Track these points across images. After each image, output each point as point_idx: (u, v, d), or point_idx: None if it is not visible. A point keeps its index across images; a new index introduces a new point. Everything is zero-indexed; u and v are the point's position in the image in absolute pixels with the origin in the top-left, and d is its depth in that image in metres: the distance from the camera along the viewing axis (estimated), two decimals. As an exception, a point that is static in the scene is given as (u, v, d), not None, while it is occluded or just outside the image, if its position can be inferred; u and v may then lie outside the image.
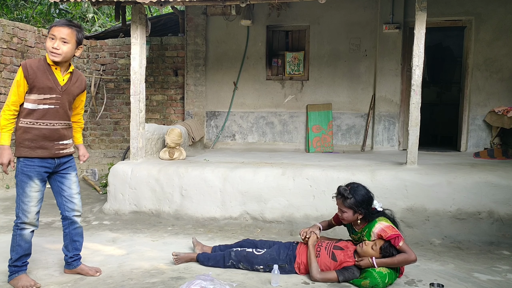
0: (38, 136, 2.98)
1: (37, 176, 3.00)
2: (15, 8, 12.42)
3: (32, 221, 3.03)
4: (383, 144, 7.39)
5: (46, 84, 2.95)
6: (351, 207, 3.27)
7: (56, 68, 3.01)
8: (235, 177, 5.06)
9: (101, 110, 8.30)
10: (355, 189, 3.30)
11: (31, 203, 3.00)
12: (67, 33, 2.94)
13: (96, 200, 6.24)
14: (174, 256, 3.57)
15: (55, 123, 3.03)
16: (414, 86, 4.98)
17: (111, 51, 8.49)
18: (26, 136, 2.97)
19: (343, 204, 3.30)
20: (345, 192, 3.28)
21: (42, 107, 2.97)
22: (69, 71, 3.07)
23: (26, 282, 3.00)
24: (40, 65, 2.97)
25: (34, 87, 2.93)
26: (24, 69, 2.91)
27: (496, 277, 3.45)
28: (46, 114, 2.99)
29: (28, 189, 2.98)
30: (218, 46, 7.96)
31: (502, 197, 4.49)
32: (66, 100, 3.07)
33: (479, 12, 6.96)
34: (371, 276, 3.07)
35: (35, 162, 2.99)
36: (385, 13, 7.17)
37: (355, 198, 3.25)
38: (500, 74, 6.98)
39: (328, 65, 7.57)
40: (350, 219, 3.34)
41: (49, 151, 3.03)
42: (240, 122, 7.99)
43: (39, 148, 2.99)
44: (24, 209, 2.99)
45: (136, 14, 5.52)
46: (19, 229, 3.02)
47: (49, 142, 3.02)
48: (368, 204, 3.29)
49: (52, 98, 2.99)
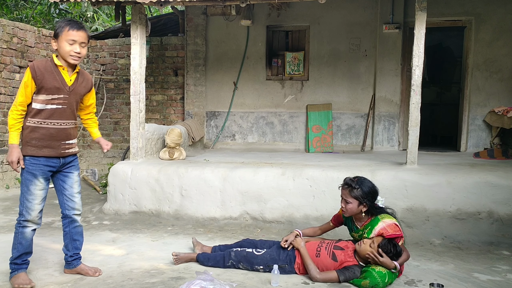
0: (45, 135, 3.02)
1: (42, 174, 3.04)
2: (15, 8, 12.42)
3: (34, 219, 3.06)
4: (383, 144, 7.39)
5: (53, 84, 2.99)
6: (357, 198, 3.28)
7: (64, 68, 3.04)
8: (235, 177, 5.06)
9: (101, 110, 8.29)
10: (362, 181, 3.35)
11: (35, 201, 3.04)
12: (85, 37, 3.03)
13: (96, 200, 6.24)
14: (174, 256, 3.57)
15: (62, 123, 3.07)
16: (414, 86, 4.98)
17: (111, 51, 8.49)
18: (34, 135, 3.01)
19: (349, 194, 3.31)
20: (352, 182, 3.31)
21: (50, 107, 3.01)
22: (76, 71, 3.11)
23: (22, 281, 3.01)
24: (47, 66, 3.00)
25: (42, 87, 2.97)
26: (32, 70, 2.95)
27: (496, 277, 3.45)
28: (54, 114, 3.03)
29: (32, 187, 3.01)
30: (218, 46, 7.96)
31: (502, 197, 4.49)
32: (73, 100, 3.11)
33: (479, 12, 6.96)
34: (371, 276, 3.07)
35: (41, 161, 3.03)
36: (385, 13, 7.18)
37: (362, 189, 3.28)
38: (500, 74, 6.99)
39: (328, 65, 7.57)
40: (354, 211, 3.33)
41: (56, 151, 3.06)
42: (240, 122, 7.99)
43: (45, 147, 3.03)
44: (28, 207, 3.03)
45: (136, 14, 5.52)
46: (21, 226, 3.05)
47: (56, 141, 3.06)
48: (373, 197, 3.32)
49: (60, 98, 3.03)
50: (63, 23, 3.00)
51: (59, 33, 2.98)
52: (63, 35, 2.96)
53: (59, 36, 2.98)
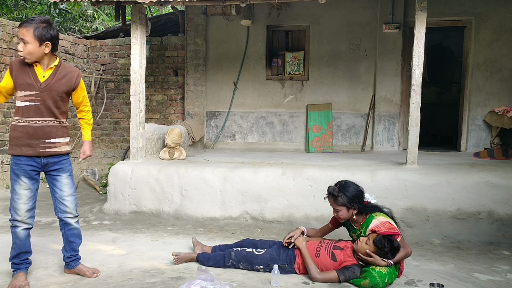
0: (23, 133, 2.99)
1: (24, 174, 2.99)
2: (15, 8, 12.41)
3: (23, 219, 3.02)
4: (383, 144, 7.39)
5: (25, 80, 2.96)
6: (344, 204, 3.31)
7: (36, 65, 2.99)
8: (235, 177, 5.06)
9: (101, 110, 8.30)
10: (344, 185, 3.36)
11: (20, 200, 3.00)
12: (23, 33, 2.89)
13: (96, 200, 6.24)
14: (174, 256, 3.57)
15: (37, 121, 3.00)
16: (414, 86, 4.98)
17: (111, 51, 8.49)
18: (14, 134, 3.01)
19: (335, 203, 3.36)
20: (334, 191, 3.34)
21: (25, 104, 2.98)
22: (50, 67, 3.02)
23: (17, 282, 3.00)
24: (23, 62, 2.98)
25: (16, 83, 2.98)
26: (10, 66, 3.00)
27: (496, 277, 3.45)
28: (29, 111, 2.98)
29: (16, 186, 3.00)
30: (218, 46, 7.96)
31: (502, 197, 4.49)
32: (48, 97, 3.01)
33: (479, 12, 6.96)
34: (371, 275, 3.07)
35: (22, 161, 2.99)
36: (385, 13, 7.18)
37: (345, 195, 3.30)
38: (500, 74, 6.98)
39: (328, 65, 7.57)
40: (346, 216, 3.37)
41: (34, 150, 3.01)
42: (240, 122, 7.99)
43: (24, 146, 2.99)
44: (14, 207, 3.01)
45: (136, 14, 5.52)
46: (12, 226, 3.06)
47: (34, 140, 3.00)
48: (360, 198, 3.34)
49: (32, 95, 2.97)
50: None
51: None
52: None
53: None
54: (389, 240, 3.10)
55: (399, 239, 3.16)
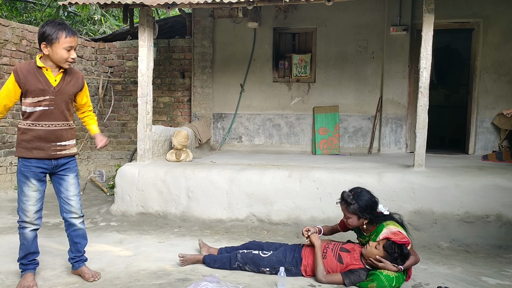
0: (34, 137, 3.00)
1: (34, 176, 3.02)
2: (24, 10, 12.56)
3: (31, 220, 3.05)
4: (390, 147, 7.35)
5: (37, 86, 2.95)
6: (355, 213, 3.25)
7: (47, 69, 2.99)
8: (241, 179, 5.06)
9: (109, 112, 8.35)
10: (358, 194, 3.28)
11: (29, 202, 3.03)
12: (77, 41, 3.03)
13: (103, 201, 6.27)
14: (181, 257, 3.57)
15: (50, 124, 3.02)
16: (421, 88, 4.96)
17: (119, 53, 8.54)
18: (23, 137, 3.01)
19: (347, 210, 3.29)
20: (348, 198, 3.27)
21: (38, 109, 2.98)
22: (61, 71, 3.04)
23: (26, 283, 3.02)
24: (30, 68, 2.96)
25: (27, 91, 2.95)
26: (16, 74, 2.93)
27: (505, 281, 3.41)
28: (42, 116, 2.99)
29: (25, 188, 3.02)
30: (225, 48, 7.98)
31: (510, 200, 4.45)
32: (61, 101, 3.04)
33: (487, 15, 6.91)
34: (378, 279, 3.05)
35: (32, 163, 3.01)
36: (393, 15, 7.15)
37: (359, 204, 3.22)
38: (508, 77, 6.93)
39: (335, 67, 7.56)
40: (355, 224, 3.32)
41: (45, 152, 3.03)
42: (246, 124, 8.00)
43: (35, 149, 3.00)
44: (23, 208, 3.03)
45: (144, 17, 5.55)
46: (20, 227, 3.08)
47: (46, 143, 3.02)
48: (373, 209, 3.26)
49: (46, 100, 2.98)
50: (56, 28, 2.90)
51: (53, 39, 2.89)
52: (60, 42, 2.90)
53: (53, 42, 2.90)
54: (399, 246, 3.07)
55: (409, 247, 3.13)
